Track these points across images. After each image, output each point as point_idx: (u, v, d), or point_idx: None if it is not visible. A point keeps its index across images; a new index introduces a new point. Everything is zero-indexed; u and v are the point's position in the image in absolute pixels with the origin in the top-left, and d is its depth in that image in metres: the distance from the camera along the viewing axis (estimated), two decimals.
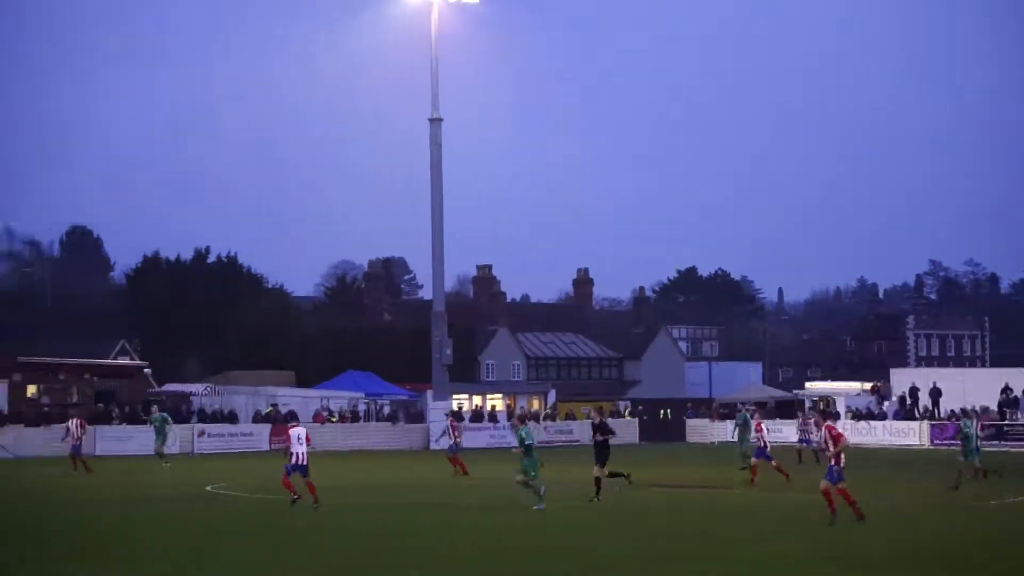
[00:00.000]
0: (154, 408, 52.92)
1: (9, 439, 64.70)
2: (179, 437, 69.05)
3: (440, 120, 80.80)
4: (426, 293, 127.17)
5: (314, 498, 32.76)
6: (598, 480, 35.44)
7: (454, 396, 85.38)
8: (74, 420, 53.35)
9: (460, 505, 34.78)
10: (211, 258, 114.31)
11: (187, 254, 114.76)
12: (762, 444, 44.31)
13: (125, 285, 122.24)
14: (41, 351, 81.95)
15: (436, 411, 78.03)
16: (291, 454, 33.19)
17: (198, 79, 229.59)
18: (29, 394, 72.41)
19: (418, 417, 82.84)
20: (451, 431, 54.27)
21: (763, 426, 47.25)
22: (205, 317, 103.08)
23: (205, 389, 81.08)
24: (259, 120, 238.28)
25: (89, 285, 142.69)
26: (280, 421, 74.30)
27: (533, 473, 33.25)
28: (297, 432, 33.70)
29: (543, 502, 32.64)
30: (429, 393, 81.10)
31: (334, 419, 78.01)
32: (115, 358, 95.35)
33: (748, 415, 52.60)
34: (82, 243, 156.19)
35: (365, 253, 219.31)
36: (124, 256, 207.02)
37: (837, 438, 28.78)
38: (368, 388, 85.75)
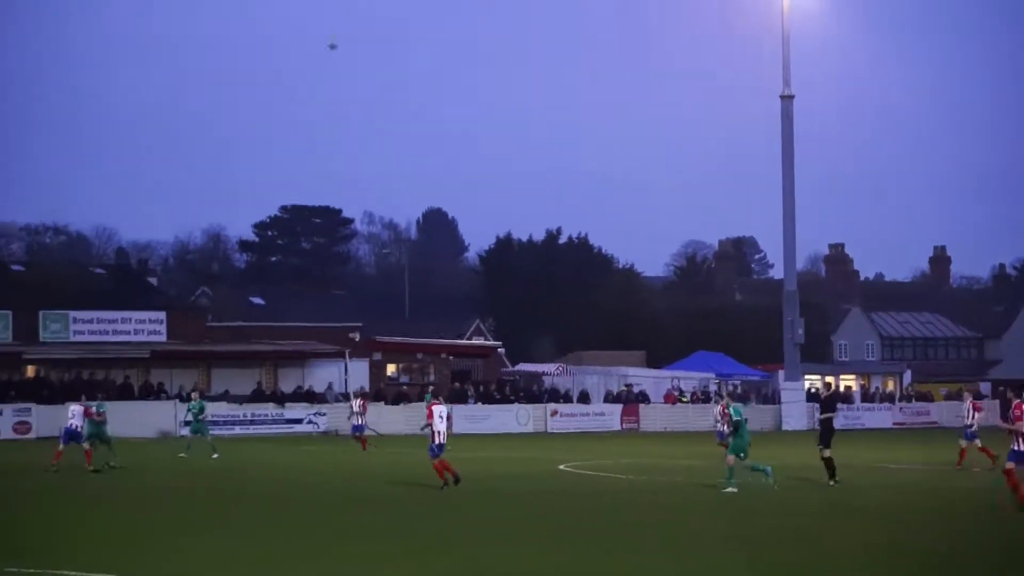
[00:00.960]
0: (194, 395, 51.53)
1: (372, 417, 66.93)
2: (532, 416, 70.24)
3: (792, 97, 79.79)
4: (777, 272, 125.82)
5: (454, 475, 32.16)
6: (827, 462, 33.63)
7: (806, 376, 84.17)
8: (358, 400, 53.73)
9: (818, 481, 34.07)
10: (562, 239, 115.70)
11: (539, 235, 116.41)
12: None
13: (479, 266, 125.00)
14: (399, 331, 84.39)
15: (788, 391, 77.22)
16: (434, 432, 32.05)
17: (557, 69, 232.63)
18: (389, 373, 74.63)
19: (769, 398, 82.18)
20: None
21: None
22: (557, 298, 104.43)
23: (557, 369, 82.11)
24: (613, 103, 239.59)
25: (445, 266, 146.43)
26: (631, 401, 74.81)
27: (742, 453, 32.12)
28: (440, 409, 32.58)
29: (734, 486, 31.35)
30: (781, 373, 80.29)
31: (685, 399, 77.90)
32: (470, 338, 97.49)
33: None
34: (438, 225, 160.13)
35: (715, 233, 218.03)
36: (478, 238, 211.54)
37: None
38: (719, 368, 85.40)
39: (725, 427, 42.90)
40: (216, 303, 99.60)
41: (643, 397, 76.42)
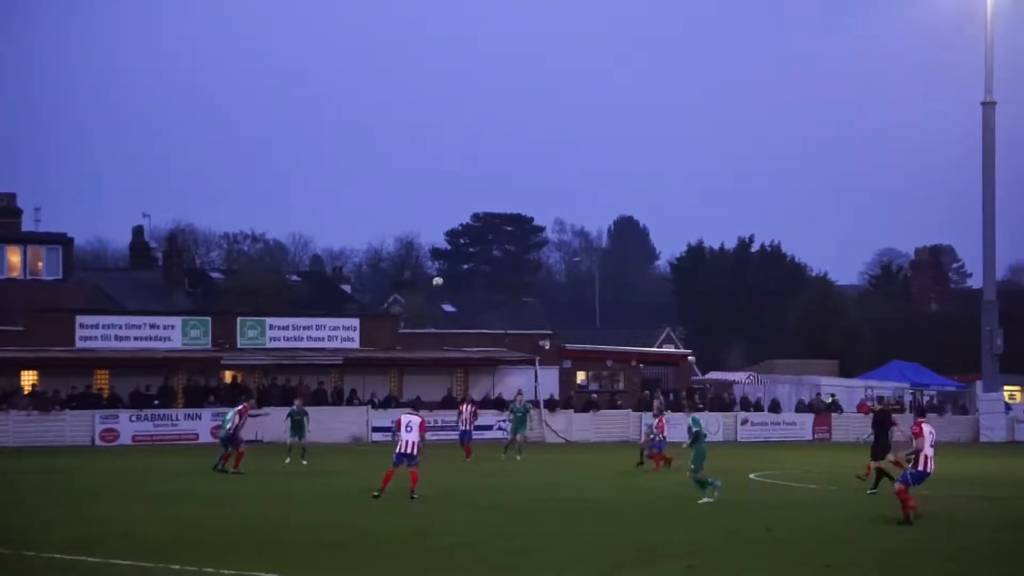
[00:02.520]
0: (297, 402, 50.49)
1: (561, 425, 67.28)
2: (722, 425, 69.70)
3: (994, 103, 78.07)
4: (975, 282, 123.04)
5: (412, 489, 31.41)
6: (879, 471, 34.32)
7: (1005, 387, 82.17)
8: (467, 405, 53.05)
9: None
10: (755, 247, 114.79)
11: (731, 243, 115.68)
12: None
13: (670, 274, 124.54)
14: (589, 339, 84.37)
15: (986, 403, 75.57)
16: (402, 442, 31.71)
17: (749, 71, 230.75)
18: (579, 381, 74.70)
19: (964, 408, 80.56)
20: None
21: None
22: (748, 306, 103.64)
23: (748, 377, 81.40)
24: (808, 107, 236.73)
25: (636, 274, 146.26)
26: (823, 410, 73.80)
27: (694, 465, 31.84)
28: (408, 420, 31.96)
29: (711, 497, 31.11)
30: (978, 384, 78.57)
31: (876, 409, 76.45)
32: (660, 346, 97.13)
33: None
34: (629, 233, 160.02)
35: (911, 241, 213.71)
36: (669, 246, 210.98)
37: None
38: (914, 378, 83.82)
39: (663, 437, 44.16)
40: (408, 310, 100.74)
41: (835, 407, 75.36)
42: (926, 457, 26.74)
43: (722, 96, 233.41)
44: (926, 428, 27.11)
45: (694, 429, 32.58)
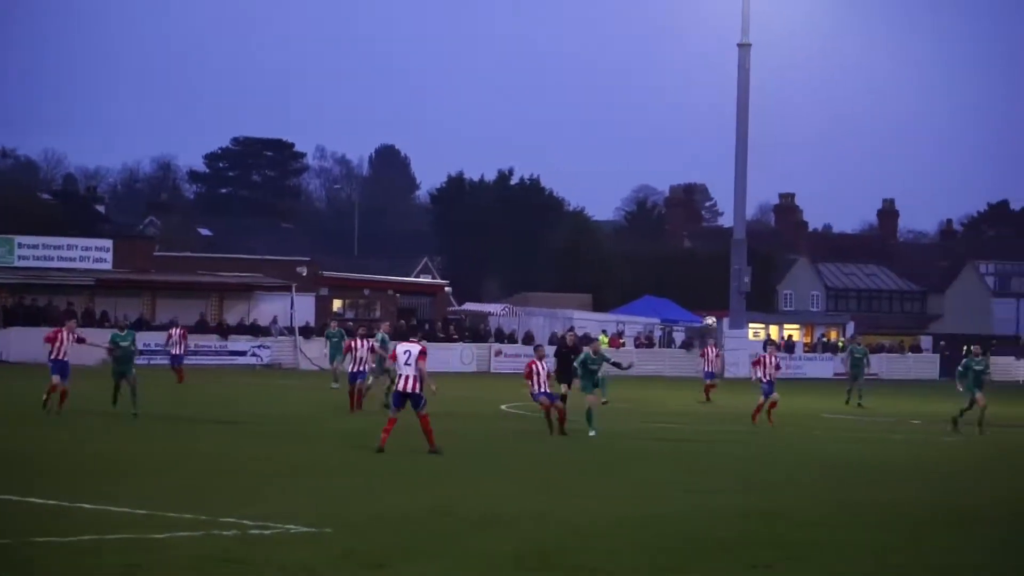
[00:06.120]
0: (332, 323, 51.22)
1: (315, 352, 67.14)
2: (476, 356, 70.53)
3: (749, 45, 79.62)
4: (727, 220, 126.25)
5: (431, 444, 25.61)
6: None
7: (750, 325, 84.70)
8: (176, 329, 52.77)
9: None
10: (514, 180, 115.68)
11: (491, 175, 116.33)
12: None
13: (430, 204, 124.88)
14: (348, 268, 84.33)
15: (732, 339, 77.65)
16: (399, 377, 25.90)
17: (511, 7, 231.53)
18: (335, 309, 74.65)
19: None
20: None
21: None
22: (506, 238, 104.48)
23: (503, 309, 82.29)
24: (559, 44, 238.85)
25: (396, 204, 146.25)
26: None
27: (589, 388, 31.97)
28: (407, 349, 25.75)
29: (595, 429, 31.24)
30: (725, 321, 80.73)
31: (623, 344, 78.19)
32: (417, 276, 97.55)
33: None
34: (390, 162, 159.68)
35: (667, 179, 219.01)
36: (430, 176, 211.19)
37: None
38: (664, 314, 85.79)
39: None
40: (164, 233, 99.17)
41: (587, 340, 76.55)
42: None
43: (488, 28, 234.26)
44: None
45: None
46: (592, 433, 31.09)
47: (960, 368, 36.79)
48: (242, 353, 64.74)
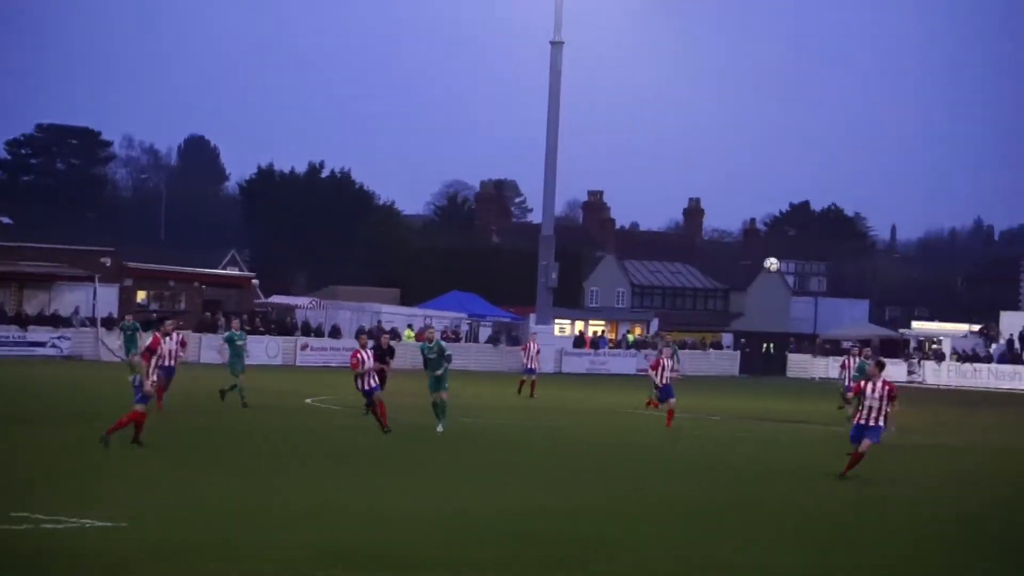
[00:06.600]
0: (128, 316, 51.77)
1: (116, 343, 66.05)
2: (282, 349, 70.17)
3: (561, 43, 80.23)
4: (536, 217, 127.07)
5: (382, 423, 30.69)
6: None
7: (557, 321, 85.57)
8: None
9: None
10: (325, 173, 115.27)
11: (301, 167, 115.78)
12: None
13: (239, 196, 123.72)
14: (153, 258, 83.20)
15: (538, 335, 78.28)
16: (364, 373, 31.23)
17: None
18: (139, 300, 73.64)
19: (517, 340, 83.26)
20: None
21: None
22: (316, 231, 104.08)
23: (310, 303, 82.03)
24: (375, 38, 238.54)
25: (204, 195, 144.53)
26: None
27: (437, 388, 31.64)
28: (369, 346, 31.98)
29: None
30: (532, 316, 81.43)
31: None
32: (224, 268, 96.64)
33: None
34: (199, 152, 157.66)
35: (477, 174, 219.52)
36: (239, 167, 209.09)
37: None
38: (472, 309, 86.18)
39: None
40: None
41: (395, 335, 76.66)
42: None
43: (298, 20, 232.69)
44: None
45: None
46: (440, 429, 31.25)
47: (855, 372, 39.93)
48: (42, 344, 63.50)
